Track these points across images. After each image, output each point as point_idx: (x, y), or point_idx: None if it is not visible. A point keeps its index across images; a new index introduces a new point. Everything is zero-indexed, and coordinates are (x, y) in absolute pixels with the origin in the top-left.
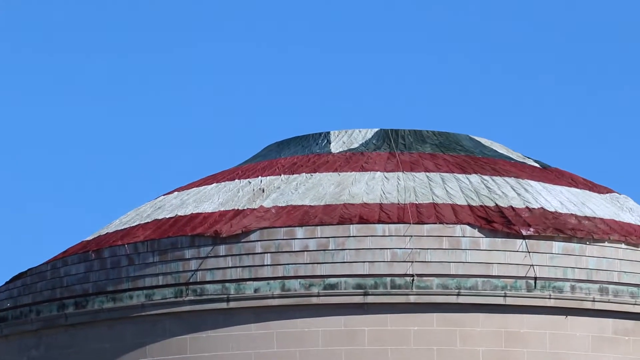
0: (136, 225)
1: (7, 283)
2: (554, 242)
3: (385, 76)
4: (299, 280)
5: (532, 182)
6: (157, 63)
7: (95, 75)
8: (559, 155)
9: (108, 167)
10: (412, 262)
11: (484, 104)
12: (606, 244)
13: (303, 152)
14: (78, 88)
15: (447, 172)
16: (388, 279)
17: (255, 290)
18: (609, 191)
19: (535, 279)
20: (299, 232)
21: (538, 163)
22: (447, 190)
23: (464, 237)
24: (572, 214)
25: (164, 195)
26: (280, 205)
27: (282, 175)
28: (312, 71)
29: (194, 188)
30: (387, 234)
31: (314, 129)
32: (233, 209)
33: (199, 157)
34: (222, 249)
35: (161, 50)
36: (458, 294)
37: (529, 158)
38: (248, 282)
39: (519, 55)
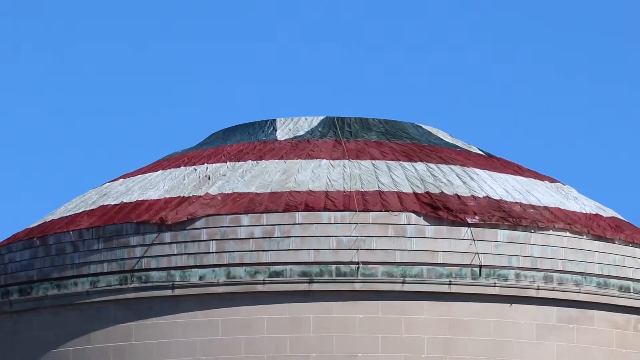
0: (81, 212)
1: None
2: (499, 230)
3: (332, 64)
4: (244, 267)
5: (478, 170)
6: (104, 48)
7: (36, 60)
8: (503, 146)
9: (52, 153)
10: (358, 249)
11: (430, 92)
12: (551, 232)
13: (249, 140)
14: (17, 76)
15: (393, 160)
16: (333, 266)
17: (201, 278)
18: (553, 181)
19: (480, 267)
20: (245, 219)
21: (483, 152)
22: (392, 178)
23: (409, 225)
24: (517, 202)
25: (109, 182)
26: (226, 192)
27: (228, 163)
28: (258, 58)
29: (140, 175)
30: (332, 222)
31: (260, 117)
32: (178, 196)
33: (145, 144)
34: (167, 236)
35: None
36: (403, 282)
37: (473, 147)
38: (193, 270)
39: (464, 43)
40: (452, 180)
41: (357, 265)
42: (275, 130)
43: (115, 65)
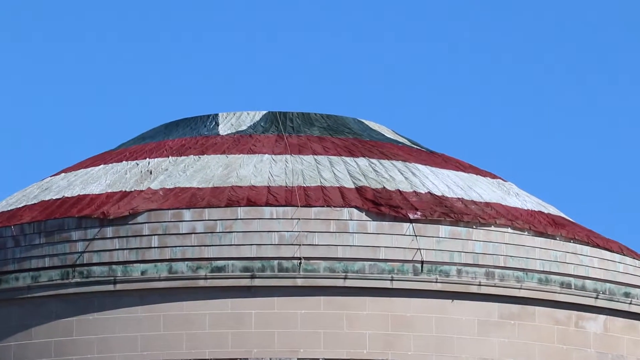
0: (22, 207)
1: None
2: (440, 226)
3: (274, 59)
4: (186, 262)
5: (420, 166)
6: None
7: None
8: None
9: None
10: (300, 245)
11: (372, 87)
12: (492, 228)
13: (191, 134)
14: None
15: (335, 155)
16: (275, 262)
17: (142, 273)
18: (494, 177)
19: (422, 262)
20: (187, 214)
21: (424, 148)
22: (335, 174)
23: (351, 220)
24: (459, 198)
25: (50, 176)
26: (167, 187)
27: (170, 157)
28: (200, 53)
29: (82, 169)
30: (274, 217)
31: (203, 111)
32: (120, 191)
33: (87, 138)
34: (109, 231)
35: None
36: (345, 278)
37: (415, 143)
38: (135, 265)
39: (405, 39)
40: (394, 175)
41: (299, 261)
42: (218, 125)
43: (57, 58)
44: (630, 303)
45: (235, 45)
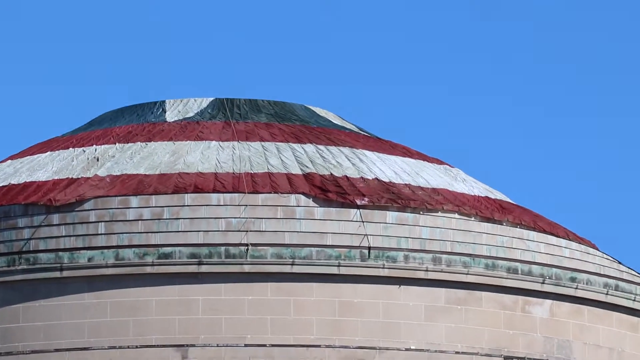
0: None
1: None
2: (388, 212)
3: (222, 44)
4: (133, 249)
5: (367, 152)
6: None
7: None
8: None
9: None
10: (247, 231)
11: (318, 73)
12: (439, 214)
13: (138, 121)
14: None
15: (282, 141)
16: (222, 248)
17: (89, 260)
18: (441, 163)
19: (369, 248)
20: (134, 201)
21: (372, 135)
22: (282, 160)
23: (298, 206)
24: (406, 184)
25: None
26: (114, 174)
27: (117, 144)
28: (147, 39)
29: (28, 156)
30: (221, 203)
31: (150, 98)
32: (67, 178)
33: (33, 124)
34: (55, 218)
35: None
36: (292, 264)
37: (362, 129)
38: (82, 251)
39: (352, 25)
40: (341, 162)
41: (246, 247)
42: (165, 112)
43: (3, 43)
44: (576, 288)
45: (181, 32)
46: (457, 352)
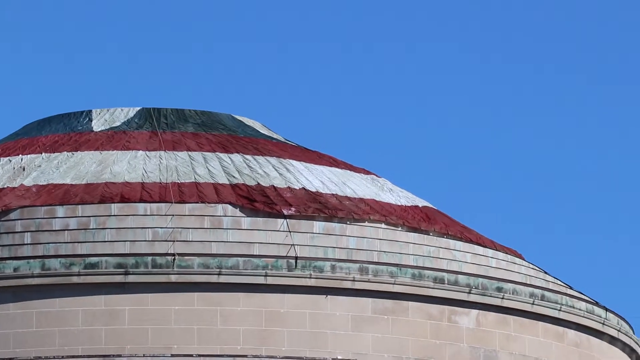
0: None
1: None
2: (315, 221)
3: (147, 55)
4: (59, 259)
5: (294, 162)
6: None
7: None
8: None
9: None
10: (174, 241)
11: (245, 84)
12: (366, 224)
13: (64, 130)
14: None
15: (209, 151)
16: (149, 258)
17: (15, 270)
18: (368, 172)
19: (296, 258)
20: (60, 211)
21: (298, 145)
22: (209, 170)
23: (225, 216)
24: (333, 194)
25: None
26: (41, 183)
27: (43, 154)
28: (73, 48)
29: None
30: (148, 213)
31: (76, 108)
32: None
33: None
34: None
35: None
36: (219, 274)
37: (289, 140)
38: (7, 261)
39: (279, 38)
40: (268, 171)
41: (173, 257)
42: (91, 121)
43: None
44: (502, 298)
45: (107, 41)
46: None
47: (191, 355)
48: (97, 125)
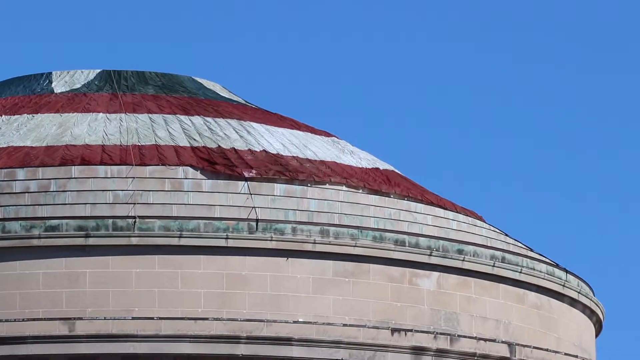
0: None
1: None
2: (275, 184)
3: (108, 17)
4: (19, 222)
5: (255, 124)
6: None
7: None
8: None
9: None
10: (134, 204)
11: (206, 45)
12: (327, 186)
13: (24, 93)
14: None
15: (169, 113)
16: (110, 220)
17: None
18: (329, 135)
19: (257, 221)
20: (20, 173)
21: (259, 107)
22: (169, 132)
23: (186, 179)
24: (294, 157)
25: None
26: (1, 146)
27: (3, 116)
28: (34, 10)
29: None
30: (109, 176)
31: (36, 70)
32: None
33: None
34: None
35: None
36: (180, 236)
37: (250, 102)
38: None
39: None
40: (229, 134)
41: (133, 220)
42: (51, 83)
43: None
44: (463, 260)
45: (68, 3)
46: (344, 325)
47: (152, 318)
48: (57, 87)
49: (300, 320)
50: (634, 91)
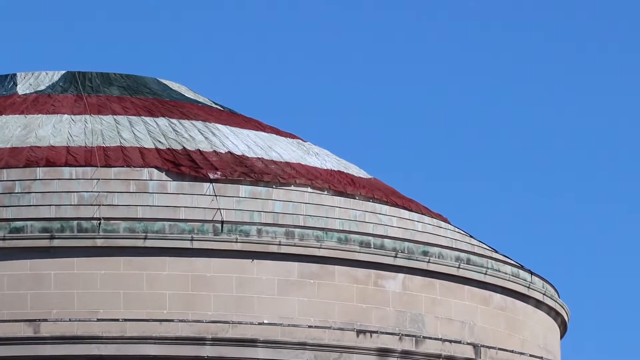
0: None
1: None
2: (241, 185)
3: (72, 18)
4: None
5: (220, 126)
6: None
7: None
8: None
9: None
10: (99, 205)
11: (170, 47)
12: (292, 187)
13: None
14: None
15: (134, 115)
16: (75, 222)
17: None
18: (294, 137)
19: (222, 222)
20: None
21: (225, 109)
22: (134, 134)
23: (151, 180)
24: (259, 158)
25: None
26: None
27: None
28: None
29: None
30: (74, 177)
31: (0, 71)
32: None
33: None
34: None
35: None
36: (145, 238)
37: (216, 103)
38: None
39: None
40: (194, 135)
41: (98, 221)
42: (16, 85)
43: None
44: (428, 261)
45: (32, 5)
46: (310, 326)
47: (117, 320)
48: (22, 88)
49: (266, 321)
50: (599, 90)
